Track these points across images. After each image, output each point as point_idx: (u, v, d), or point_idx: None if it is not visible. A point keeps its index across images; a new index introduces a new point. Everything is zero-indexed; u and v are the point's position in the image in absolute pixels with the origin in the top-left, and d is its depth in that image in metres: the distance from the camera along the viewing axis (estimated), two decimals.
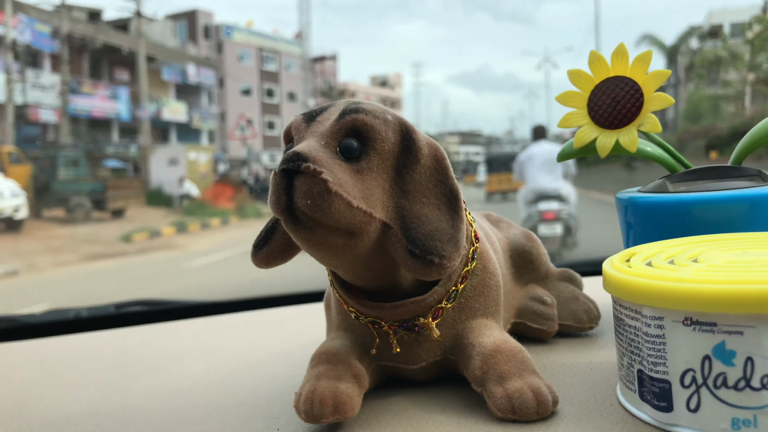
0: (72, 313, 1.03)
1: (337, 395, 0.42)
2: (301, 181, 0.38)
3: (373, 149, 0.42)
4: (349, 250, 0.41)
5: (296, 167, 0.38)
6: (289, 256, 0.46)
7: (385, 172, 0.42)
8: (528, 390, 0.42)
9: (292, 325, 0.80)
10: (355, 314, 0.47)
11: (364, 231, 0.41)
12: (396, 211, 0.42)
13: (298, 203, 0.39)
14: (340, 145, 0.42)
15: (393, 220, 0.42)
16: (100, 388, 0.59)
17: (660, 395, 0.38)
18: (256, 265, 0.46)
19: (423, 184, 0.43)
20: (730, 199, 0.51)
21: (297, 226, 0.39)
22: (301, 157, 0.39)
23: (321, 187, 0.38)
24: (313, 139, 0.41)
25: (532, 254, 0.58)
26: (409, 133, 0.44)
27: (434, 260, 0.41)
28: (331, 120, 0.43)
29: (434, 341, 0.47)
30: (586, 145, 0.57)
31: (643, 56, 0.56)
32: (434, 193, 0.44)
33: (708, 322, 0.36)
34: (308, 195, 0.38)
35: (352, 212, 0.39)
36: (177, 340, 0.77)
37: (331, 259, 0.42)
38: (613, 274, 0.41)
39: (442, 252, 0.41)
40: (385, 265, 0.44)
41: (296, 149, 0.39)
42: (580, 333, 0.59)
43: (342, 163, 0.41)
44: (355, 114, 0.42)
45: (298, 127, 0.44)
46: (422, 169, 0.44)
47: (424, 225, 0.42)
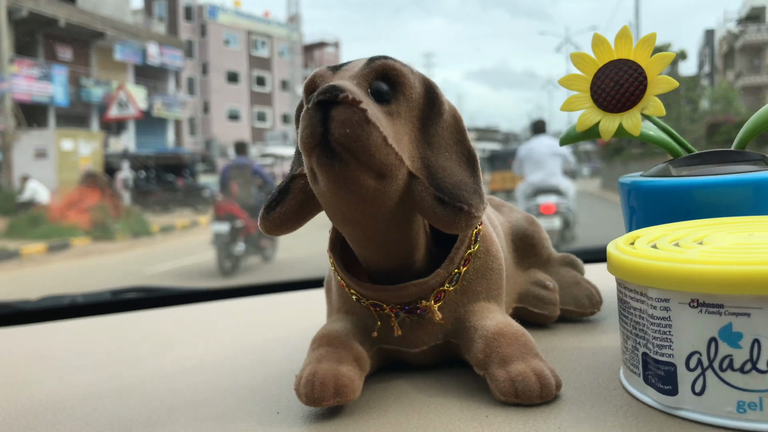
0: (67, 300, 1.03)
1: (339, 378, 0.42)
2: (339, 110, 0.37)
3: (403, 94, 0.41)
4: (378, 195, 0.39)
5: (334, 97, 0.37)
6: (302, 221, 0.45)
7: (411, 121, 0.42)
8: (531, 373, 0.41)
9: (290, 311, 0.79)
10: (357, 296, 0.46)
11: (394, 175, 0.39)
12: (422, 162, 0.42)
13: (335, 133, 0.37)
14: (371, 87, 0.41)
15: (419, 171, 0.41)
16: (97, 372, 0.58)
17: (665, 378, 0.38)
18: (265, 230, 0.44)
19: (445, 139, 0.43)
20: (733, 183, 0.51)
21: (332, 160, 0.38)
22: (338, 88, 0.37)
23: (360, 116, 0.37)
24: (346, 80, 0.40)
25: (534, 238, 0.58)
26: (433, 87, 0.44)
27: (464, 207, 0.40)
28: (358, 66, 0.42)
29: (436, 324, 0.46)
30: (589, 129, 0.57)
31: (647, 39, 0.55)
32: (455, 150, 0.43)
33: (715, 304, 0.35)
34: (347, 124, 0.37)
35: (386, 149, 0.38)
36: (174, 325, 0.77)
37: (357, 205, 0.40)
38: (618, 256, 0.40)
39: (470, 201, 0.41)
40: (403, 231, 0.43)
41: (332, 83, 0.38)
42: (582, 318, 0.59)
43: (374, 104, 0.40)
44: (384, 60, 0.42)
45: (323, 75, 0.42)
46: (444, 125, 0.43)
47: (449, 176, 0.41)
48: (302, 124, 0.38)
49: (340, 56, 38.74)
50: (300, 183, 0.44)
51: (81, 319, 0.85)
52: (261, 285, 1.01)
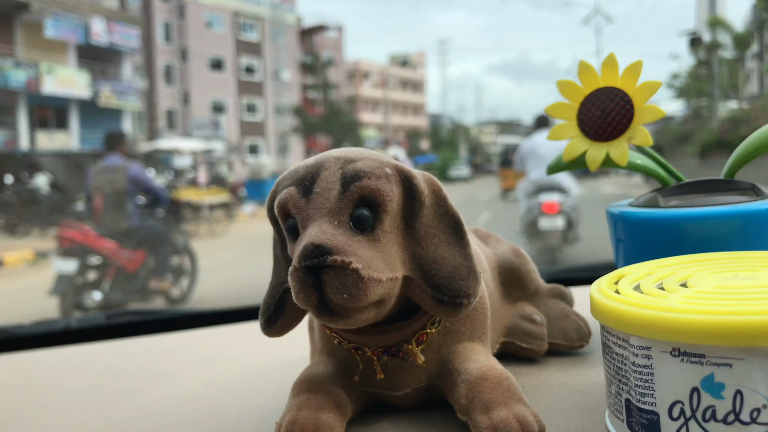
0: (62, 324, 1.02)
1: (318, 426, 0.41)
2: (331, 276, 0.37)
3: (385, 212, 0.41)
4: (379, 316, 0.41)
5: (322, 263, 0.37)
6: (299, 321, 0.46)
7: (396, 228, 0.42)
8: (513, 420, 0.40)
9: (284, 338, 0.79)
10: (338, 339, 0.46)
11: (392, 295, 0.40)
12: (413, 261, 0.42)
13: (332, 298, 0.37)
14: (352, 218, 0.40)
15: (412, 272, 0.41)
16: (86, 409, 0.57)
17: (648, 427, 0.37)
18: (270, 336, 0.46)
19: (430, 225, 0.43)
20: (721, 215, 0.50)
21: (334, 318, 0.39)
22: (324, 250, 0.37)
23: (353, 277, 0.37)
24: (323, 220, 0.39)
25: (521, 271, 0.57)
26: (410, 180, 0.42)
27: (463, 302, 0.41)
28: (333, 192, 0.40)
29: (419, 367, 0.46)
30: (576, 158, 0.56)
31: (633, 66, 0.54)
32: (441, 228, 0.43)
33: (696, 353, 0.35)
34: (343, 289, 0.37)
35: (382, 287, 0.39)
36: (163, 355, 0.76)
37: (360, 325, 0.41)
38: (601, 301, 0.40)
39: (467, 291, 0.41)
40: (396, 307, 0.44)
41: (314, 240, 0.37)
42: (570, 352, 0.58)
43: (359, 237, 0.39)
44: (359, 182, 0.40)
45: (296, 204, 0.41)
46: (427, 211, 0.43)
47: (442, 268, 0.42)
48: (294, 284, 0.38)
49: (343, 43, 35.00)
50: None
51: (72, 347, 0.85)
52: (255, 308, 1.00)
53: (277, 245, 0.46)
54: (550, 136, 0.58)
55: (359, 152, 0.43)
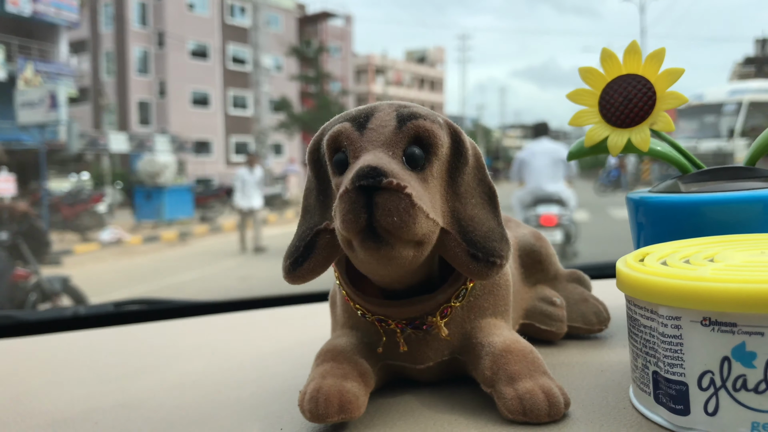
0: (70, 311, 1.02)
1: (343, 394, 0.41)
2: (384, 197, 0.37)
3: (435, 155, 0.41)
4: (416, 260, 0.40)
5: (377, 183, 0.36)
6: (326, 269, 0.45)
7: (441, 177, 0.42)
8: (539, 391, 0.41)
9: (293, 325, 0.79)
10: (362, 312, 0.46)
11: (431, 240, 0.40)
12: (452, 215, 0.42)
13: (381, 221, 0.37)
14: (405, 154, 0.40)
15: (450, 225, 0.41)
16: (99, 386, 0.57)
17: (676, 398, 0.37)
18: (291, 282, 0.44)
19: (470, 185, 0.43)
20: (743, 200, 0.50)
21: (378, 245, 0.37)
22: (381, 172, 0.37)
23: (406, 202, 0.37)
24: (379, 150, 0.39)
25: (541, 254, 0.57)
26: (458, 134, 0.43)
27: (496, 261, 0.41)
28: (389, 127, 0.41)
29: (442, 341, 0.46)
30: (597, 144, 0.56)
31: (656, 54, 0.55)
32: (478, 191, 0.43)
33: (727, 323, 0.35)
34: (394, 212, 0.37)
35: (428, 224, 0.39)
36: (177, 339, 0.76)
37: (394, 272, 0.40)
38: (628, 273, 0.40)
39: (501, 252, 0.41)
40: (426, 269, 0.44)
41: (370, 163, 0.37)
42: (590, 335, 0.58)
43: (411, 173, 0.39)
44: (415, 120, 0.41)
45: (349, 137, 0.41)
46: (469, 170, 0.43)
47: (478, 227, 0.42)
48: (343, 206, 0.37)
49: (351, 33, 31.51)
50: (326, 238, 0.43)
51: (83, 332, 0.85)
52: (263, 298, 1.00)
53: (311, 193, 0.45)
54: (571, 122, 0.58)
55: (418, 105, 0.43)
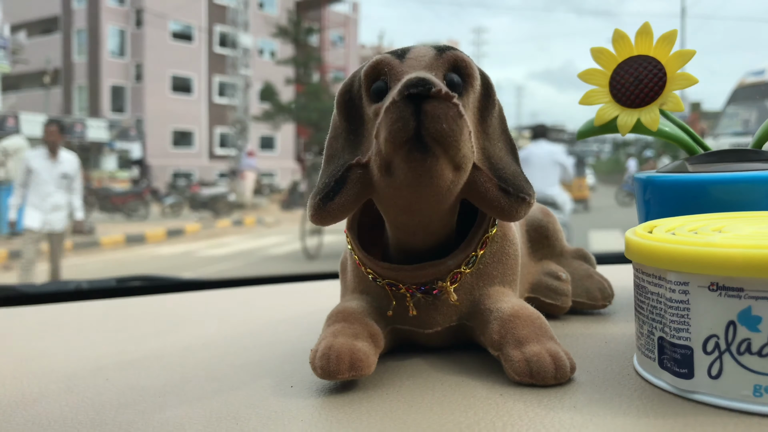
0: (72, 285, 1.03)
1: (354, 352, 0.42)
2: (434, 105, 0.37)
3: (471, 86, 0.42)
4: (453, 187, 0.40)
5: (426, 91, 0.37)
6: (356, 207, 0.43)
7: (473, 112, 0.43)
8: (546, 354, 0.41)
9: (299, 298, 0.79)
10: (373, 276, 0.47)
11: (468, 167, 0.40)
12: (482, 153, 0.43)
13: (430, 128, 0.37)
14: (445, 79, 0.41)
15: (481, 162, 0.42)
16: (108, 347, 0.58)
17: (681, 362, 0.38)
18: (319, 220, 0.43)
19: (496, 130, 0.44)
20: (749, 179, 0.51)
21: (425, 155, 0.37)
22: (429, 81, 0.37)
23: (455, 111, 0.37)
24: (422, 71, 0.40)
25: (548, 230, 0.58)
26: (487, 78, 0.45)
27: (526, 197, 0.42)
28: (428, 56, 0.42)
29: (451, 306, 0.47)
30: (607, 123, 0.57)
31: (668, 35, 0.55)
32: (502, 139, 0.45)
33: (734, 287, 0.35)
34: (444, 119, 0.37)
35: (469, 145, 0.39)
36: (184, 309, 0.77)
37: (432, 197, 0.40)
38: (637, 241, 0.41)
39: (529, 191, 0.42)
40: (450, 220, 0.45)
41: (418, 75, 0.38)
42: (593, 311, 0.59)
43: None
44: (454, 51, 0.42)
45: (390, 64, 0.42)
46: (496, 115, 0.45)
47: (507, 168, 0.43)
48: (390, 116, 0.37)
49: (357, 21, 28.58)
50: (357, 173, 0.42)
51: (88, 302, 0.85)
52: (265, 277, 1.01)
53: (340, 135, 0.45)
54: (581, 101, 0.59)
55: None
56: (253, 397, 0.42)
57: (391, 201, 0.42)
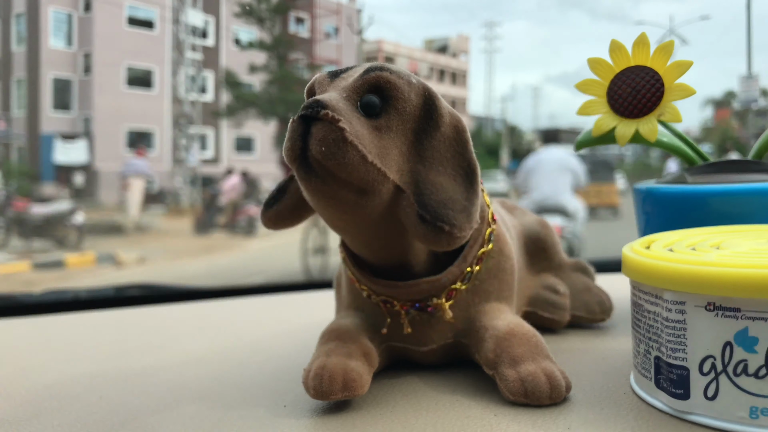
0: (70, 294, 1.03)
1: (347, 372, 0.41)
2: (318, 127, 0.38)
3: (394, 108, 0.41)
4: (359, 208, 0.40)
5: (315, 113, 0.38)
6: (298, 219, 0.46)
7: (403, 134, 0.42)
8: (541, 374, 0.41)
9: (298, 309, 0.79)
10: (367, 293, 0.46)
11: (376, 190, 0.40)
12: (411, 176, 0.41)
13: (312, 150, 0.38)
14: (361, 100, 0.41)
15: (407, 185, 0.41)
16: (102, 363, 0.58)
17: (677, 382, 0.37)
18: (264, 225, 0.46)
19: (441, 153, 0.42)
20: (749, 191, 0.51)
21: (309, 175, 0.39)
22: (321, 104, 0.38)
23: (337, 135, 0.38)
24: (335, 91, 0.41)
25: (546, 242, 0.57)
26: (432, 98, 0.43)
27: (444, 227, 0.39)
28: (354, 76, 0.42)
29: (446, 323, 0.46)
30: (605, 134, 0.56)
31: (665, 46, 0.55)
32: (452, 163, 0.42)
33: (731, 308, 0.35)
34: (323, 142, 0.38)
35: (366, 167, 0.39)
36: (179, 321, 0.77)
37: (340, 216, 0.41)
38: (634, 258, 0.40)
39: (453, 221, 0.40)
40: (394, 236, 0.43)
41: (317, 97, 0.39)
42: (592, 325, 0.59)
43: (361, 118, 0.40)
44: (379, 72, 0.41)
45: (321, 83, 0.44)
46: (442, 137, 0.43)
47: (437, 193, 0.41)
48: (287, 134, 0.39)
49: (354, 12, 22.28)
50: (296, 184, 0.45)
51: (84, 313, 0.85)
52: (264, 286, 1.01)
53: None
54: (579, 112, 0.58)
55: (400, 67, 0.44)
56: (246, 417, 0.42)
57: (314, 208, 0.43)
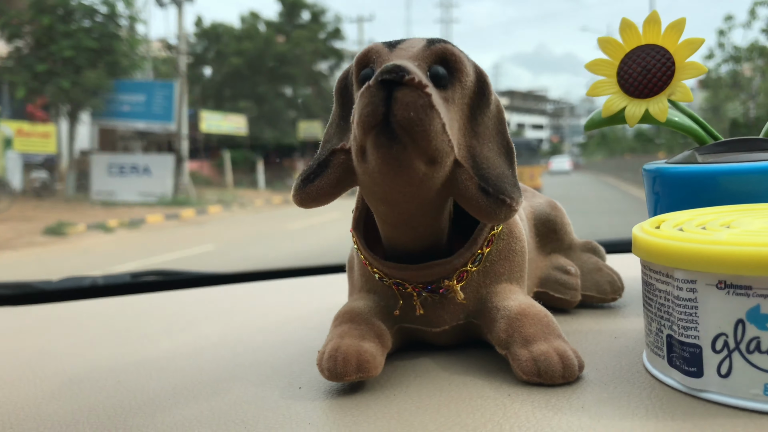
0: (88, 281, 1.04)
1: (361, 354, 0.42)
2: (404, 92, 0.36)
3: (459, 81, 0.41)
4: (426, 180, 0.39)
5: (399, 78, 0.36)
6: (336, 195, 0.44)
7: (461, 108, 0.42)
8: (554, 353, 0.41)
9: (312, 293, 0.80)
10: (380, 275, 0.46)
11: (444, 162, 0.39)
12: (468, 151, 0.42)
13: (398, 115, 0.36)
14: (430, 70, 0.41)
15: (465, 159, 0.41)
16: (119, 347, 0.59)
17: (690, 360, 0.38)
18: (299, 202, 0.43)
19: (490, 130, 0.43)
20: (760, 170, 0.51)
21: (391, 141, 0.37)
22: (404, 69, 0.37)
23: (425, 100, 0.37)
24: (406, 60, 0.40)
25: (556, 223, 0.57)
26: (484, 76, 0.44)
27: (506, 200, 0.40)
28: (417, 47, 0.42)
29: (458, 304, 0.46)
30: (615, 114, 0.56)
31: (676, 24, 0.54)
32: (496, 141, 0.43)
33: (743, 286, 0.35)
34: (411, 107, 0.36)
35: (443, 136, 0.38)
36: (194, 306, 0.78)
37: (403, 189, 0.40)
38: (644, 238, 0.40)
39: (511, 194, 0.41)
40: (437, 214, 0.43)
41: (395, 62, 0.37)
42: (603, 304, 0.59)
43: (433, 89, 0.39)
44: (444, 44, 0.41)
45: (379, 52, 0.42)
46: (490, 115, 0.44)
47: (493, 167, 0.42)
48: (362, 101, 0.37)
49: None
50: (341, 158, 0.43)
51: (102, 299, 0.86)
52: (278, 270, 1.02)
53: (334, 122, 0.46)
54: (589, 92, 0.58)
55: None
56: (262, 399, 0.42)
57: (369, 189, 0.42)
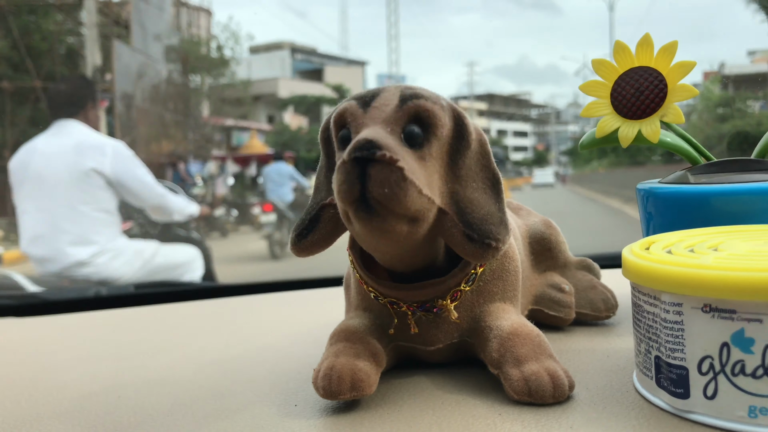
0: (92, 291, 1.05)
1: (356, 372, 0.43)
2: (377, 169, 0.38)
3: (434, 136, 0.42)
4: (411, 236, 0.41)
5: (371, 155, 0.38)
6: (330, 243, 0.46)
7: (440, 158, 0.43)
8: (544, 373, 0.42)
9: (310, 308, 0.81)
10: (375, 294, 0.47)
11: (426, 218, 0.41)
12: (450, 197, 0.43)
13: (373, 192, 0.38)
14: (404, 132, 0.41)
15: (448, 206, 0.42)
16: (120, 362, 0.60)
17: (677, 382, 0.38)
18: (297, 254, 0.46)
19: (472, 169, 0.44)
20: (751, 191, 0.51)
21: (370, 216, 0.39)
22: (375, 145, 0.38)
23: (398, 175, 0.38)
24: (377, 126, 0.41)
25: (551, 242, 0.58)
26: (462, 119, 0.44)
27: (491, 244, 0.41)
28: (391, 106, 0.42)
29: (452, 323, 0.47)
30: (608, 135, 0.57)
31: (668, 47, 0.55)
32: (480, 177, 0.44)
33: (727, 309, 0.36)
34: (385, 183, 0.38)
35: (421, 200, 0.39)
36: (195, 319, 0.79)
37: (390, 246, 0.42)
38: (633, 261, 0.41)
39: (497, 235, 0.42)
40: (427, 251, 0.45)
41: (367, 136, 0.39)
42: (597, 322, 0.60)
43: (408, 150, 0.40)
44: (416, 100, 0.42)
45: (354, 113, 0.43)
46: (471, 155, 0.44)
47: (477, 210, 0.43)
48: (339, 177, 0.39)
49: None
50: (330, 212, 0.45)
51: (104, 311, 0.87)
52: (280, 282, 1.03)
53: (322, 170, 0.47)
54: (583, 113, 0.59)
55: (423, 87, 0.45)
56: (258, 417, 0.43)
57: (359, 240, 0.43)
